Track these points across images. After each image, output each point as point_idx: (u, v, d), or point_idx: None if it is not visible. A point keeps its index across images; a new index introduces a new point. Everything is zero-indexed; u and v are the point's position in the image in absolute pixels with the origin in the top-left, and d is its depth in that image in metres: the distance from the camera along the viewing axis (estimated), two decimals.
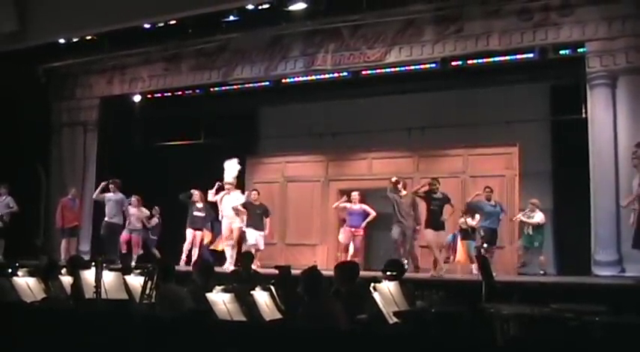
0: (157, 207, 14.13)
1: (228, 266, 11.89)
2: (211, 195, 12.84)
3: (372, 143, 13.80)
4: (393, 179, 11.60)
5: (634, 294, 8.63)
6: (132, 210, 13.36)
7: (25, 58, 13.94)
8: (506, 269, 11.68)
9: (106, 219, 13.18)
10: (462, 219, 11.83)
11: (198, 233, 12.95)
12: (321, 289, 6.13)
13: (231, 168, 12.85)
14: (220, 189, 12.72)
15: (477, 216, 11.62)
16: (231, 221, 12.50)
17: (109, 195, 13.17)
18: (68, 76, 15.52)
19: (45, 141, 15.51)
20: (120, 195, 13.20)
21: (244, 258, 9.91)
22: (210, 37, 13.35)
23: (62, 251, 13.30)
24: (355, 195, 12.53)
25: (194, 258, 12.50)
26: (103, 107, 15.29)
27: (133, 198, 13.38)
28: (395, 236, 11.27)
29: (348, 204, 12.57)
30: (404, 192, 11.48)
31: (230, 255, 12.28)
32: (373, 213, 12.35)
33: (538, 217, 11.65)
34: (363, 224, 12.38)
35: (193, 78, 14.18)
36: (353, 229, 12.35)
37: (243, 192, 13.11)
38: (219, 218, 12.83)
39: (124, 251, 13.27)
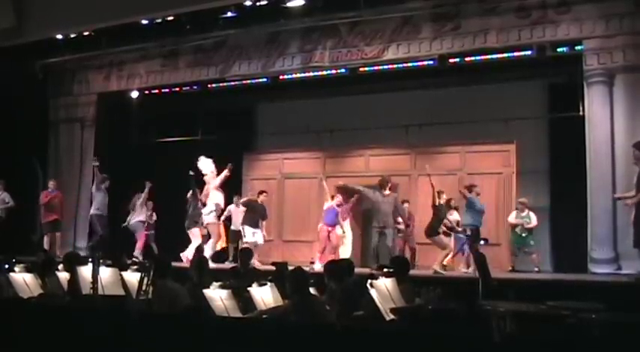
0: (150, 202, 14.10)
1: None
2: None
3: (370, 140, 13.79)
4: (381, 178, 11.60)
5: (630, 292, 8.64)
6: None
7: (22, 54, 13.89)
8: (502, 267, 11.68)
9: (91, 211, 13.03)
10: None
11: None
12: (307, 289, 6.14)
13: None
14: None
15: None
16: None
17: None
18: (65, 72, 15.49)
19: (42, 138, 15.49)
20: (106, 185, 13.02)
21: (242, 254, 9.91)
22: (208, 33, 13.32)
23: (45, 245, 13.26)
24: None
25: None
26: (100, 103, 15.25)
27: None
28: (374, 244, 11.29)
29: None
30: (387, 192, 11.42)
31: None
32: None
33: (534, 219, 11.66)
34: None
35: (191, 74, 14.15)
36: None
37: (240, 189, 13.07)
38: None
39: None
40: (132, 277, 6.95)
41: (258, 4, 11.96)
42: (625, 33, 10.62)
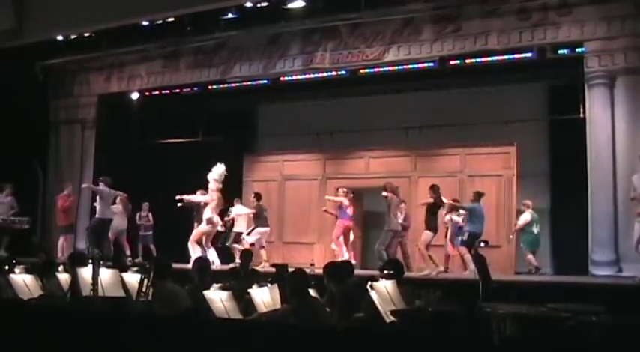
0: (146, 203, 14.07)
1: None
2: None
3: (370, 142, 13.79)
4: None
5: (631, 294, 8.64)
6: (119, 208, 13.26)
7: (23, 55, 13.90)
8: (503, 269, 11.67)
9: (97, 215, 13.02)
10: (449, 217, 11.81)
11: None
12: (307, 291, 6.13)
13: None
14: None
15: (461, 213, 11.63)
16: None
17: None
18: (66, 74, 15.49)
19: (42, 139, 15.48)
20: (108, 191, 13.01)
21: (243, 256, 9.91)
22: (209, 34, 13.33)
23: (60, 249, 13.28)
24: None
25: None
26: (100, 104, 15.26)
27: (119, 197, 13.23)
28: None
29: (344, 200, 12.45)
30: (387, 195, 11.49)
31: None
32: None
33: (522, 218, 11.65)
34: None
35: (191, 76, 14.17)
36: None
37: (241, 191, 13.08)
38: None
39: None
40: (132, 278, 6.93)
41: (258, 5, 11.97)
42: (626, 35, 10.62)
